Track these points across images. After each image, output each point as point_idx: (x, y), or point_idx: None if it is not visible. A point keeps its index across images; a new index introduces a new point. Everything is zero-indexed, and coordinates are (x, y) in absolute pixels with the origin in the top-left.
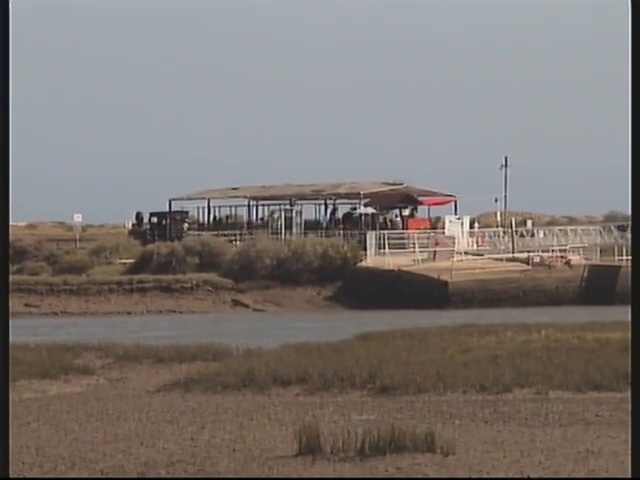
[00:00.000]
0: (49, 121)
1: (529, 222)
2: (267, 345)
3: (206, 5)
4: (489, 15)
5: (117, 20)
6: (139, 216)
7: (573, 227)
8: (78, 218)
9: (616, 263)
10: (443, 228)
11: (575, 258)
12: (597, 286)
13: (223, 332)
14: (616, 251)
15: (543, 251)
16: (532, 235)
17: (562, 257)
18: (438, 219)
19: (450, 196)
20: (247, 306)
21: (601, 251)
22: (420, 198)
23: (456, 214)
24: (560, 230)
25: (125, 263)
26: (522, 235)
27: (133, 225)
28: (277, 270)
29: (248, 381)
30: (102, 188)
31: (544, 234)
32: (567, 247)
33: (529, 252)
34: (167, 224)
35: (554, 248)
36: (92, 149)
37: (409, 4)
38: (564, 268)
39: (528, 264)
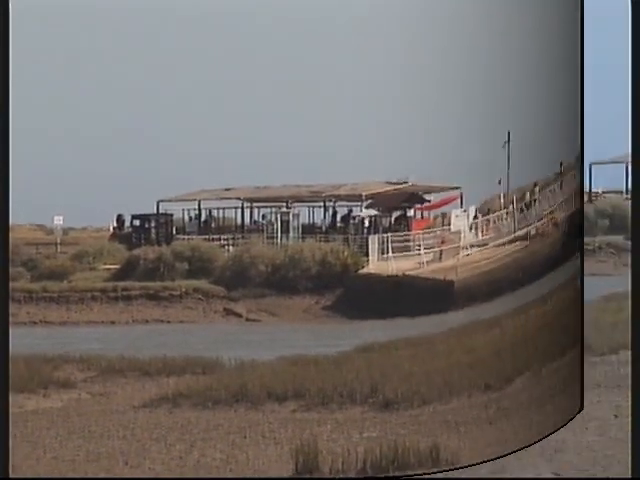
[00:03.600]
0: (26, 114)
1: (536, 189)
2: (261, 357)
3: None
4: None
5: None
6: (120, 219)
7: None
8: (59, 221)
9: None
10: (449, 224)
11: (562, 215)
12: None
13: (214, 343)
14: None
15: (539, 219)
16: (531, 205)
17: (551, 219)
18: (444, 215)
19: (456, 188)
20: (240, 315)
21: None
22: (426, 196)
23: (462, 207)
24: (551, 191)
25: (109, 269)
26: (521, 210)
27: (114, 228)
28: (272, 277)
29: (241, 396)
30: (85, 188)
31: (539, 199)
32: (555, 205)
33: (528, 226)
34: (150, 227)
35: (546, 211)
36: (73, 146)
37: None
38: (553, 230)
39: (527, 240)
